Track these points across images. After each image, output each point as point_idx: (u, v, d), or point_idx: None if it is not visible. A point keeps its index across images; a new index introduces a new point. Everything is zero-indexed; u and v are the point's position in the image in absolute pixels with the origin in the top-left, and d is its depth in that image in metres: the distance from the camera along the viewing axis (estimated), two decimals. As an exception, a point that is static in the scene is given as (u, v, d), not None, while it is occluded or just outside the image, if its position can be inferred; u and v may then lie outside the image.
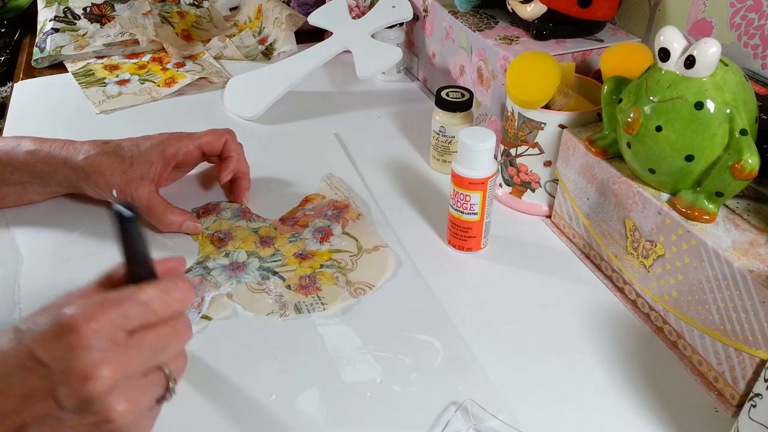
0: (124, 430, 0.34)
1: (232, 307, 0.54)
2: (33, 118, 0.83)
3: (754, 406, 0.38)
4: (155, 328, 0.35)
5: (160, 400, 0.37)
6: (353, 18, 0.89)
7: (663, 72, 0.48)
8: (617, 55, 0.61)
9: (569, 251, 0.62)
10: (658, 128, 0.47)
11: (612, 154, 0.55)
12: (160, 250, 0.60)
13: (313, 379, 0.48)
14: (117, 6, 1.03)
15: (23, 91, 0.90)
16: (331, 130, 0.81)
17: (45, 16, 1.01)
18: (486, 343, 0.51)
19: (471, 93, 0.69)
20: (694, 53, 0.45)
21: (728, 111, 0.45)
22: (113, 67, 0.94)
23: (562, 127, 0.60)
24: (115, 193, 0.60)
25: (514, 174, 0.65)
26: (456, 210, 0.58)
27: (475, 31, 0.73)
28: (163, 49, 0.99)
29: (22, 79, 0.93)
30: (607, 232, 0.57)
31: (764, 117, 0.50)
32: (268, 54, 0.99)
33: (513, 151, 0.64)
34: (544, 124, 0.60)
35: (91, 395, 0.32)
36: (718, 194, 0.47)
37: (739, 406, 0.46)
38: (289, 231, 0.63)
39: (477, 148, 0.54)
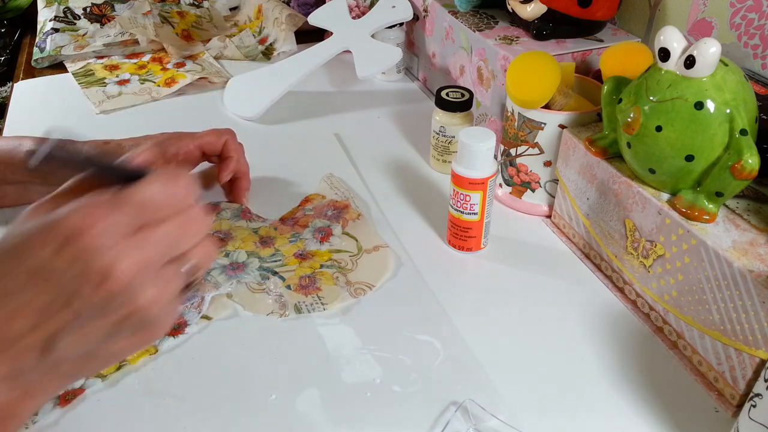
0: (152, 320, 0.33)
1: (232, 307, 0.54)
2: (33, 118, 0.83)
3: (754, 406, 0.38)
4: (163, 224, 0.34)
5: (187, 288, 0.36)
6: (353, 18, 0.89)
7: (663, 72, 0.48)
8: (617, 55, 0.61)
9: (569, 251, 0.62)
10: (658, 128, 0.47)
11: (612, 154, 0.55)
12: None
13: (313, 379, 0.48)
14: (117, 6, 1.03)
15: (23, 91, 0.90)
16: (331, 130, 0.81)
17: (45, 16, 1.01)
18: (486, 343, 0.51)
19: (471, 93, 0.69)
20: (694, 53, 0.45)
21: (728, 111, 0.45)
22: (113, 67, 0.94)
23: (562, 127, 0.60)
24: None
25: (514, 174, 0.65)
26: (456, 210, 0.58)
27: (475, 31, 0.73)
28: (163, 49, 0.99)
29: (22, 79, 0.93)
30: (607, 232, 0.57)
31: (764, 117, 0.50)
32: (268, 54, 0.99)
33: (513, 151, 0.64)
34: (544, 124, 0.60)
35: (113, 291, 0.31)
36: (718, 194, 0.47)
37: (739, 406, 0.46)
38: (289, 231, 0.63)
39: (477, 148, 0.55)
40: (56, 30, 0.97)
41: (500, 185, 0.68)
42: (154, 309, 0.33)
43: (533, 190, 0.65)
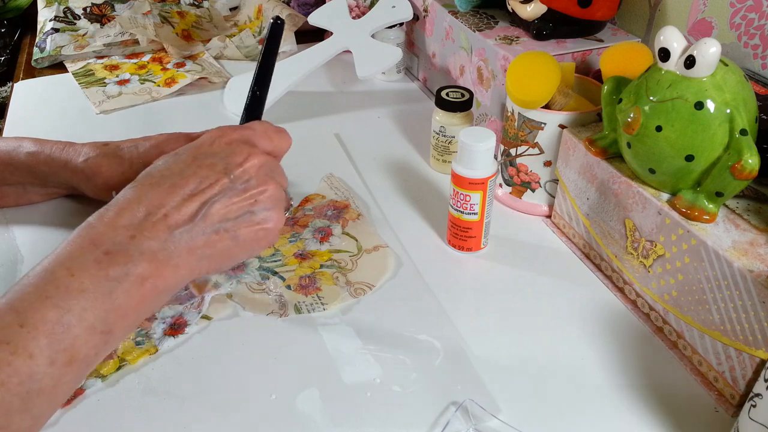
0: (277, 202, 0.43)
1: (232, 307, 0.54)
2: (33, 118, 0.83)
3: (754, 406, 0.38)
4: (274, 156, 0.46)
5: (286, 209, 0.47)
6: (353, 18, 0.89)
7: (663, 72, 0.48)
8: (617, 55, 0.61)
9: (569, 251, 0.62)
10: (658, 128, 0.47)
11: (612, 154, 0.55)
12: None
13: (313, 379, 0.48)
14: (117, 6, 1.03)
15: (23, 91, 0.90)
16: (331, 130, 0.81)
17: (45, 16, 1.01)
18: (486, 343, 0.51)
19: (471, 93, 0.69)
20: (694, 53, 0.45)
21: (728, 111, 0.45)
22: (113, 67, 0.94)
23: (562, 127, 0.60)
24: (114, 194, 0.59)
25: (514, 174, 0.65)
26: (456, 210, 0.58)
27: (475, 31, 0.73)
28: (163, 49, 0.99)
29: (22, 79, 0.93)
30: (607, 232, 0.57)
31: (764, 117, 0.50)
32: (268, 54, 0.99)
33: (513, 151, 0.64)
34: (544, 124, 0.60)
35: (252, 167, 0.42)
36: (718, 194, 0.47)
37: (739, 406, 0.46)
38: (289, 231, 0.63)
39: (477, 148, 0.55)
40: (56, 30, 0.97)
41: (500, 185, 0.68)
42: (274, 198, 0.43)
43: (533, 190, 0.65)
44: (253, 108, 0.50)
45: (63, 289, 0.36)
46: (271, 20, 0.47)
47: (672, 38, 0.46)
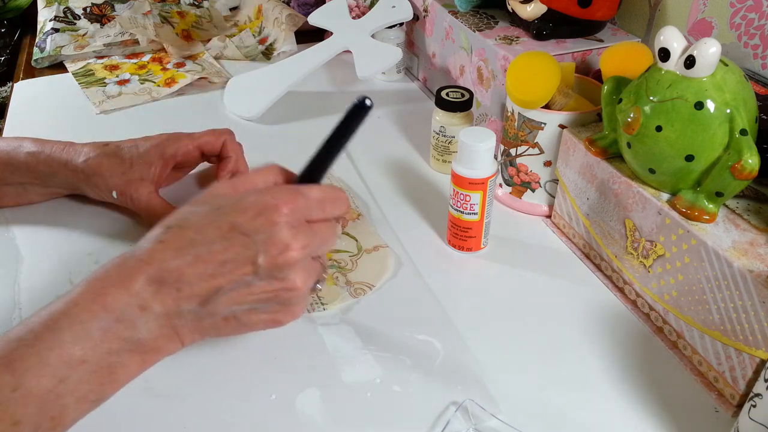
0: (300, 299, 0.40)
1: (232, 307, 0.54)
2: (33, 118, 0.83)
3: (754, 406, 0.38)
4: (324, 223, 0.41)
5: (314, 288, 0.42)
6: (353, 18, 0.89)
7: (663, 72, 0.48)
8: (617, 55, 0.61)
9: (569, 251, 0.62)
10: (658, 128, 0.47)
11: (612, 154, 0.55)
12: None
13: (313, 379, 0.48)
14: (117, 6, 1.03)
15: (23, 91, 0.90)
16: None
17: (45, 16, 1.01)
18: (486, 343, 0.51)
19: (471, 93, 0.69)
20: (694, 53, 0.45)
21: (728, 111, 0.45)
22: (113, 67, 0.94)
23: (562, 127, 0.60)
24: (115, 194, 0.60)
25: (514, 174, 0.65)
26: (456, 210, 0.58)
27: (475, 31, 0.73)
28: (163, 49, 0.99)
29: (22, 79, 0.93)
30: (607, 232, 0.57)
31: (764, 117, 0.50)
32: (268, 54, 0.99)
33: (513, 151, 0.64)
34: (544, 124, 0.60)
35: (286, 263, 0.38)
36: (718, 194, 0.47)
37: (739, 406, 0.46)
38: (289, 231, 0.63)
39: (477, 148, 0.55)
40: (56, 30, 0.97)
41: (500, 185, 0.68)
42: (301, 292, 0.39)
43: (533, 190, 0.65)
44: (315, 169, 0.45)
45: (65, 358, 0.34)
46: (357, 101, 0.42)
47: (672, 38, 0.46)
